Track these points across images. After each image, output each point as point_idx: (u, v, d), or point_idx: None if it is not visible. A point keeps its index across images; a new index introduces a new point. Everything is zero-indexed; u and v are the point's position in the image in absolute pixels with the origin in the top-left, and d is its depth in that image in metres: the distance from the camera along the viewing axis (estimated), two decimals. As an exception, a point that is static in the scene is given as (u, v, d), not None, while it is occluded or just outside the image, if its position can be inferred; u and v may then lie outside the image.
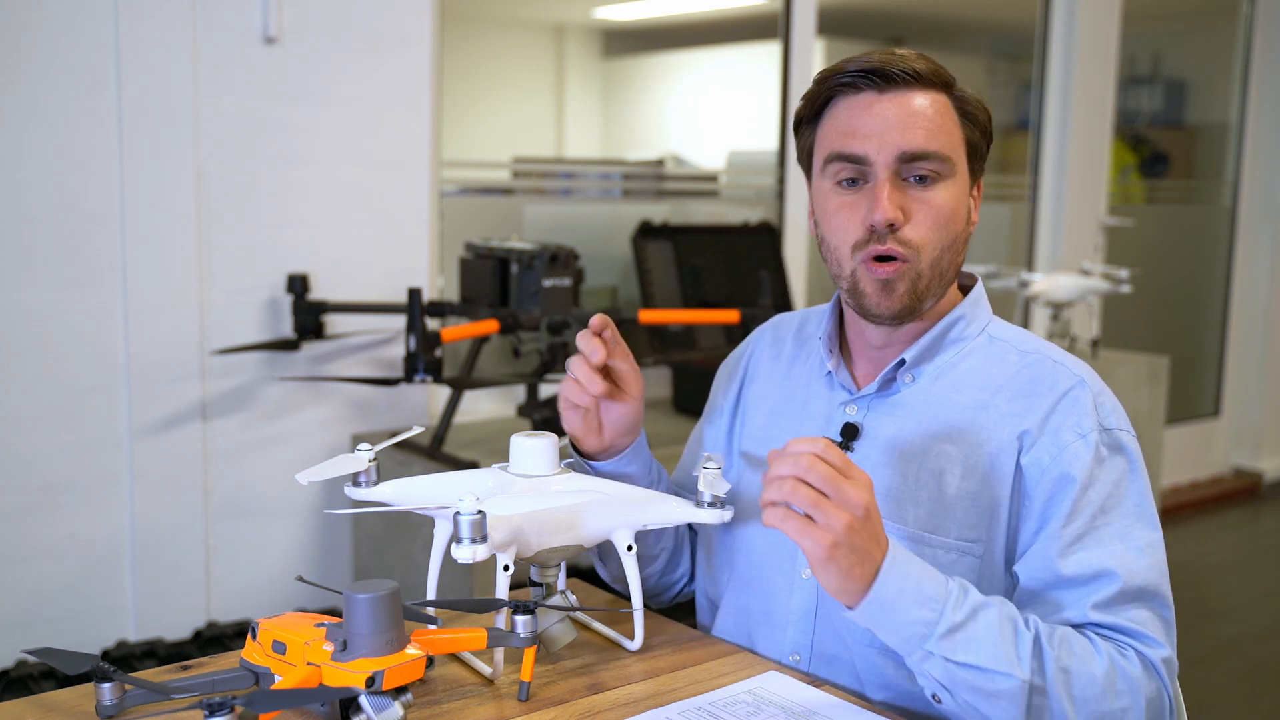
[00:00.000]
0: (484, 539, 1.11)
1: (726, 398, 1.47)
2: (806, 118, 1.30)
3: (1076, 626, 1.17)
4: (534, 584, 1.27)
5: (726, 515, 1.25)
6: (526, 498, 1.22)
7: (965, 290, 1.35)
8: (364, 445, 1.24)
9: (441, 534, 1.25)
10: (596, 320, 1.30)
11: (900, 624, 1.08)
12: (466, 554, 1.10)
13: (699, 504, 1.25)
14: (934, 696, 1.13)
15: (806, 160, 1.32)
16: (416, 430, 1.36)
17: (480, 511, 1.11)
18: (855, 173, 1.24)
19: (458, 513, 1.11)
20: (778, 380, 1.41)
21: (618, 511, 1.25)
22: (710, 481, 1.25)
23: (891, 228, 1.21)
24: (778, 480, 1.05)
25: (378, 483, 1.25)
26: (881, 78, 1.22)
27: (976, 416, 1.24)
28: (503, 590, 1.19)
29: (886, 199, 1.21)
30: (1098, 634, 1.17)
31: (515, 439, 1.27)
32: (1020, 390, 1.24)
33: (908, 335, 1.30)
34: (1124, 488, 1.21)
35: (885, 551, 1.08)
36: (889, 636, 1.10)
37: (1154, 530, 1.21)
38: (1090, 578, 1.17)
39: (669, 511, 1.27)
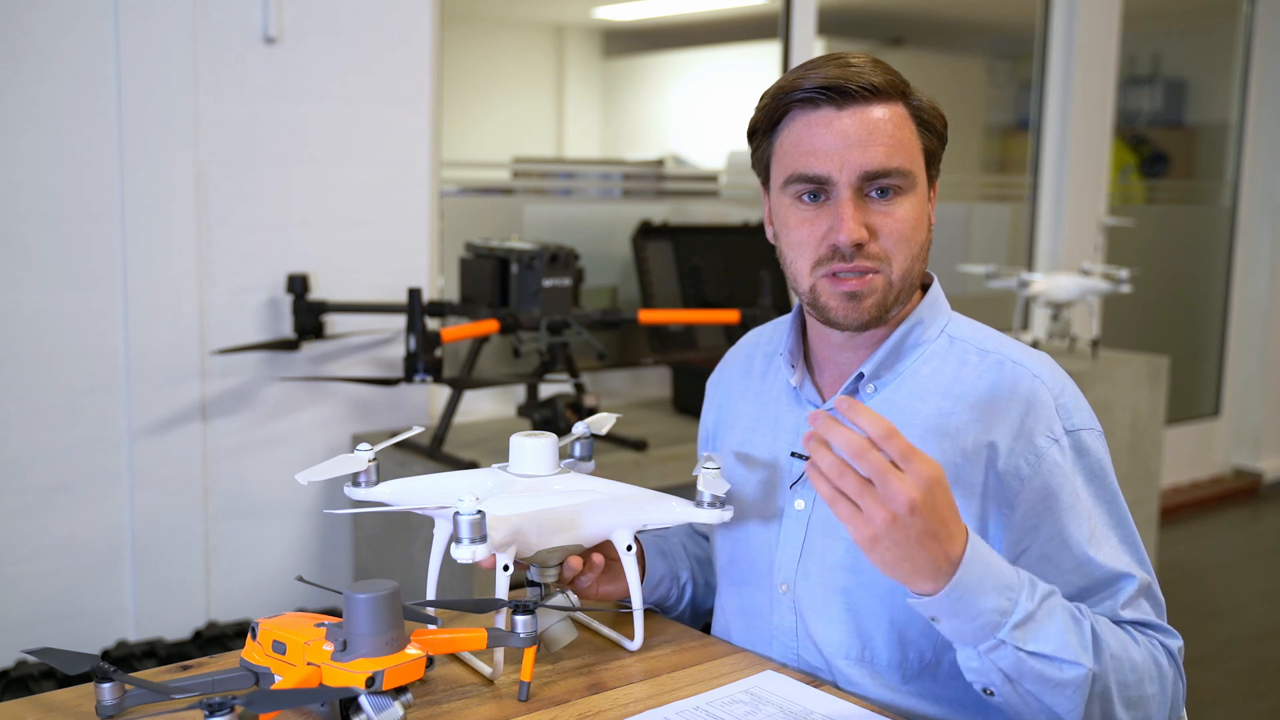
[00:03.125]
0: (483, 539, 1.11)
1: (707, 417, 1.49)
2: (763, 129, 1.27)
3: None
4: (532, 584, 1.27)
5: (726, 515, 1.25)
6: (526, 497, 1.22)
7: (924, 289, 1.33)
8: (364, 445, 1.24)
9: (441, 534, 1.25)
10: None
11: (976, 612, 1.05)
12: (466, 554, 1.10)
13: (699, 504, 1.25)
14: (986, 690, 1.12)
15: (763, 171, 1.30)
16: (416, 430, 1.36)
17: (480, 511, 1.11)
18: (817, 190, 1.22)
19: (457, 513, 1.11)
20: (750, 397, 1.40)
21: (618, 511, 1.25)
22: (709, 481, 1.25)
23: (859, 247, 1.20)
24: (831, 460, 1.02)
25: (377, 483, 1.25)
26: (840, 93, 1.19)
27: (940, 425, 1.23)
28: (502, 590, 1.19)
29: (850, 219, 1.19)
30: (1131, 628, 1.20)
31: (515, 439, 1.27)
32: (982, 395, 1.23)
33: (869, 339, 1.28)
34: (1096, 488, 1.22)
35: (963, 544, 1.04)
36: (960, 625, 1.07)
37: (1130, 524, 1.24)
38: (1108, 582, 1.19)
39: (669, 512, 1.27)
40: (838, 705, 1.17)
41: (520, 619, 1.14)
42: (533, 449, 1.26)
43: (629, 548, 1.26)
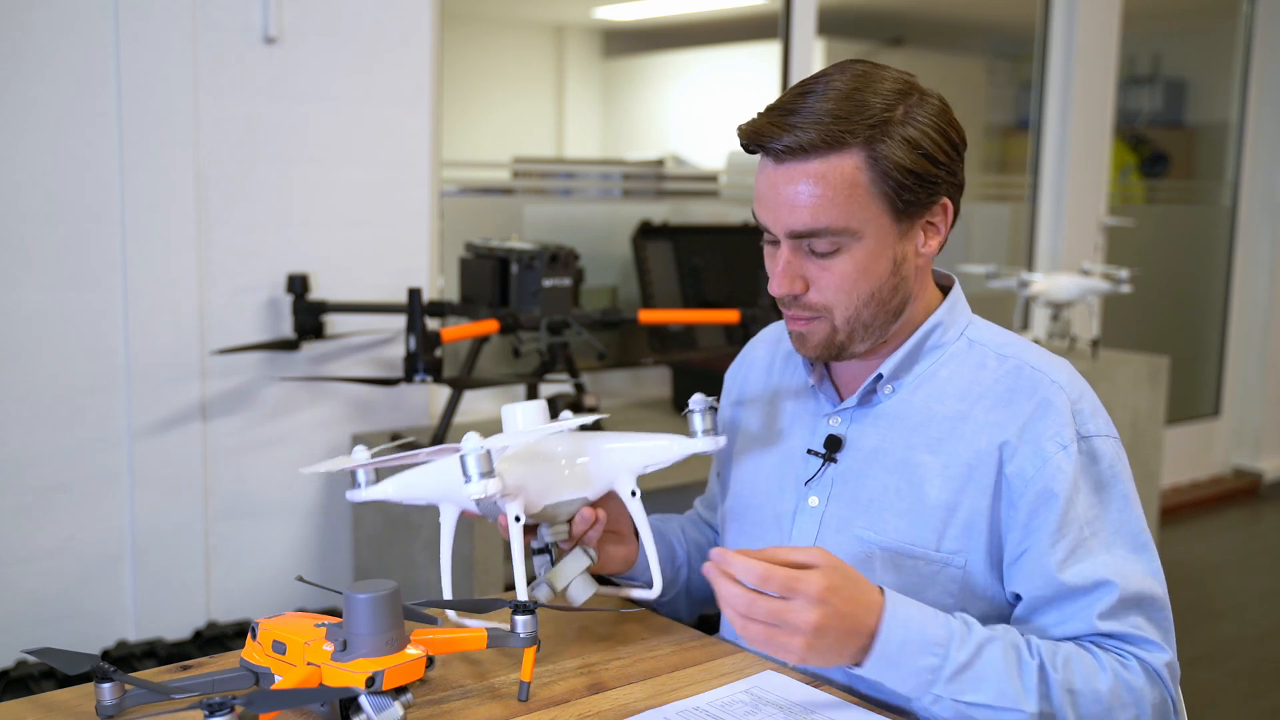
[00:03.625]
0: (492, 473, 1.11)
1: (723, 410, 1.50)
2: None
3: (1081, 638, 1.18)
4: (541, 551, 1.27)
5: (720, 441, 1.25)
6: (517, 437, 1.22)
7: (945, 290, 1.33)
8: (361, 447, 1.25)
9: (449, 519, 1.25)
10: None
11: (906, 674, 1.10)
12: (478, 489, 1.11)
13: (693, 434, 1.26)
14: None
15: None
16: (411, 439, 1.38)
17: (485, 448, 1.12)
18: (769, 236, 1.24)
19: (463, 454, 1.11)
20: (768, 394, 1.41)
21: (617, 452, 1.26)
22: (699, 402, 1.26)
23: (795, 297, 1.22)
24: (731, 614, 1.08)
25: (378, 481, 1.25)
26: (770, 149, 1.19)
27: (956, 427, 1.24)
28: (517, 545, 1.19)
29: (781, 273, 1.22)
30: (1101, 645, 1.18)
31: (505, 408, 1.27)
32: (999, 399, 1.23)
33: (885, 346, 1.29)
34: (1106, 496, 1.21)
35: (878, 614, 1.09)
36: (896, 686, 1.11)
37: (1142, 534, 1.21)
38: (1089, 589, 1.17)
39: (666, 449, 1.26)
40: (838, 705, 1.17)
41: (520, 619, 1.15)
42: (522, 411, 1.26)
43: (633, 493, 1.26)
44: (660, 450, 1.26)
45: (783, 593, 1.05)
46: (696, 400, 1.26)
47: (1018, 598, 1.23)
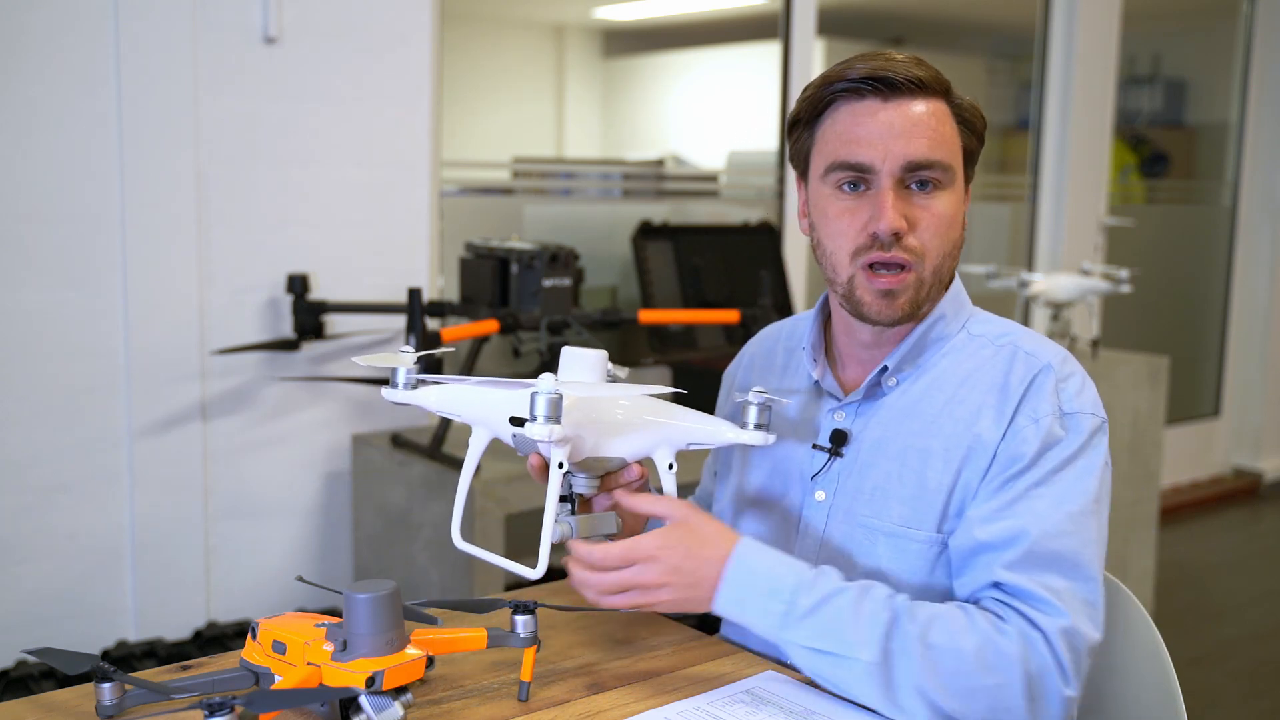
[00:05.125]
0: (558, 420, 1.09)
1: (723, 409, 1.51)
2: (805, 119, 1.29)
3: (979, 593, 1.18)
4: (564, 499, 1.26)
5: (770, 438, 1.23)
6: (592, 390, 1.19)
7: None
8: (407, 347, 1.24)
9: (480, 441, 1.24)
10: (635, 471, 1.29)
11: (754, 618, 1.16)
12: (542, 431, 1.08)
13: (744, 425, 1.24)
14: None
15: (802, 162, 1.32)
16: (448, 350, 1.36)
17: (558, 392, 1.09)
18: (857, 179, 1.24)
19: (535, 392, 1.09)
20: (770, 390, 1.41)
21: (668, 424, 1.24)
22: (756, 398, 1.24)
23: (897, 236, 1.22)
24: (593, 596, 1.19)
25: (417, 388, 1.23)
26: (886, 85, 1.22)
27: (955, 411, 1.26)
28: (554, 491, 1.17)
29: (891, 207, 1.21)
30: (988, 601, 1.17)
31: (566, 350, 1.25)
32: (994, 383, 1.25)
33: (895, 335, 1.31)
34: (1071, 467, 1.20)
35: (720, 566, 1.16)
36: (751, 628, 1.17)
37: (1091, 504, 1.19)
38: (1006, 541, 1.17)
39: (718, 433, 1.24)
40: (839, 706, 1.17)
41: (520, 619, 1.15)
42: (584, 359, 1.23)
43: (670, 465, 1.25)
44: (710, 432, 1.24)
45: (623, 563, 1.15)
46: (754, 393, 1.23)
47: None
